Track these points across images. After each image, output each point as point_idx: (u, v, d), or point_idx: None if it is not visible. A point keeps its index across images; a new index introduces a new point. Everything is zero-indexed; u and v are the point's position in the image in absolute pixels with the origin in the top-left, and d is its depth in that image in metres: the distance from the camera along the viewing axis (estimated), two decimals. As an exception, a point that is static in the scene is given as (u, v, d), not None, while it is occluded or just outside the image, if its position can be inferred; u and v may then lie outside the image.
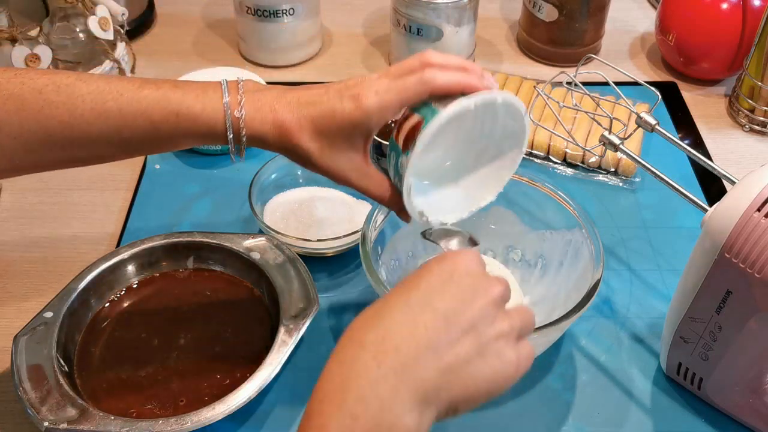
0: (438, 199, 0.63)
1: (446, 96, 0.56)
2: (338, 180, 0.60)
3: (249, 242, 0.76)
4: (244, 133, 0.57)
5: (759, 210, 0.55)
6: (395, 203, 0.62)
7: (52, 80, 0.57)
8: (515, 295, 0.75)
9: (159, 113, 0.57)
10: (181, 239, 0.77)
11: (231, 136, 0.57)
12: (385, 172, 0.60)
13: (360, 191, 0.62)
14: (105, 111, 0.57)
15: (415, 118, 0.56)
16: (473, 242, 0.63)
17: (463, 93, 0.56)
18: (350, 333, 0.48)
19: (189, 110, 0.57)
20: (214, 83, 0.59)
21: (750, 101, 1.00)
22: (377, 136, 0.88)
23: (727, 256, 0.57)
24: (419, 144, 0.55)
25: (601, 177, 0.93)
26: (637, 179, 0.92)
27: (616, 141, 0.71)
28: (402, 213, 0.62)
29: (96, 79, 0.58)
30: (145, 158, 0.94)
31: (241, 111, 0.57)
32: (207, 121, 0.57)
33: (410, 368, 0.45)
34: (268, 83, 0.97)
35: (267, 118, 0.57)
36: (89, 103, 0.57)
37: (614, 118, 0.74)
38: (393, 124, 0.60)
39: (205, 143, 0.63)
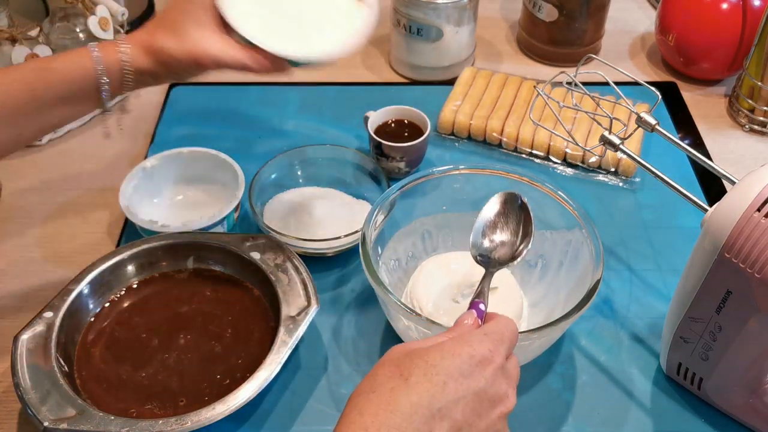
0: (272, 28, 0.70)
1: None
2: (207, 61, 0.68)
3: (249, 242, 0.76)
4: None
5: (759, 210, 0.55)
6: (261, 61, 0.69)
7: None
8: (515, 295, 0.75)
9: None
10: (181, 239, 0.77)
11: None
12: (385, 171, 0.60)
13: (230, 65, 0.68)
14: None
15: None
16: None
17: None
18: (362, 405, 0.48)
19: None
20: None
21: (750, 101, 0.99)
22: (376, 135, 0.88)
23: (727, 256, 0.57)
24: None
25: (601, 177, 0.93)
26: (637, 179, 0.92)
27: (616, 141, 0.71)
28: (275, 65, 0.69)
29: None
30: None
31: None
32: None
33: None
34: (270, 83, 0.98)
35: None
36: None
37: (614, 118, 0.73)
38: (392, 124, 0.60)
39: None
